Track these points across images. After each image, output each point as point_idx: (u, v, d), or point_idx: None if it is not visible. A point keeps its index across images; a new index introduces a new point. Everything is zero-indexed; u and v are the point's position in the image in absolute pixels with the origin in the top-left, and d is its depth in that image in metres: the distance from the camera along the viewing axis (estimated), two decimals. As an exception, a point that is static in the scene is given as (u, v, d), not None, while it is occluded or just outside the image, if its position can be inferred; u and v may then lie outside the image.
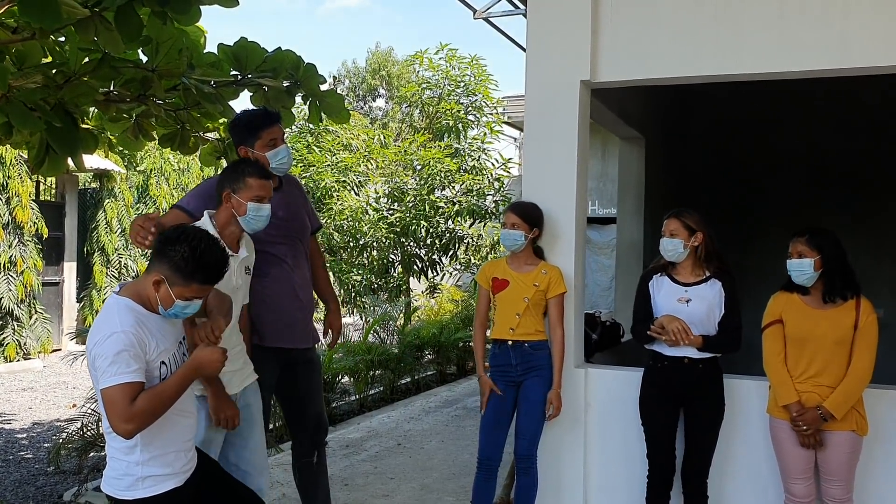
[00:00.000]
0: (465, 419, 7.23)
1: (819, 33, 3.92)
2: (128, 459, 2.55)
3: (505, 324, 3.97)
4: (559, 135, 4.29)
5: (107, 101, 3.51)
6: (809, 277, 3.49)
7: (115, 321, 2.48)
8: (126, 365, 2.42)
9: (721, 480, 3.93)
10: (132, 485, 2.55)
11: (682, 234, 3.73)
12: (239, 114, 3.72)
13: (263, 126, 3.57)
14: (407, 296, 10.95)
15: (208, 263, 2.57)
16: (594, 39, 4.25)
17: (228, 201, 3.21)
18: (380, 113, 30.57)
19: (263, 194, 3.24)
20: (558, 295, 3.98)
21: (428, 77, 11.68)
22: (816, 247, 3.48)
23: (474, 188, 10.47)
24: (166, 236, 2.59)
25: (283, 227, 3.66)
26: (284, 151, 3.63)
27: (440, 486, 5.20)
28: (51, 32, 2.88)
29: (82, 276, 12.61)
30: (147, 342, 2.50)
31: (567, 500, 4.28)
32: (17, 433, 6.96)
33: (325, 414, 4.03)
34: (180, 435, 2.64)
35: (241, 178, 3.23)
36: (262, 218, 3.26)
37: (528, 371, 3.95)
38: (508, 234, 3.97)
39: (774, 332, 3.58)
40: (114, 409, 2.42)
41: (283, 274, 3.66)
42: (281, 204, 3.64)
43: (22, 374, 10.05)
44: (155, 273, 2.54)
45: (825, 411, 3.39)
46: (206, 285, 2.60)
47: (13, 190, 10.75)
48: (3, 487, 5.37)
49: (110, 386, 2.42)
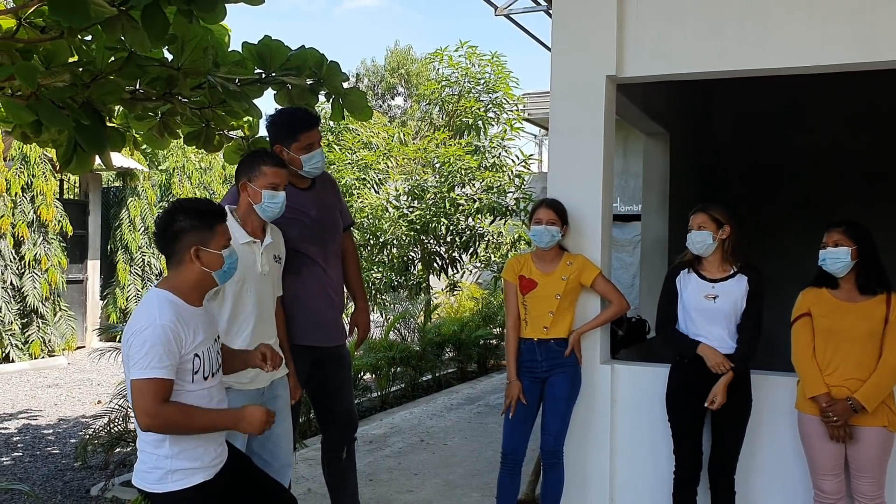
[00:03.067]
0: (487, 416, 7.23)
1: (846, 27, 3.87)
2: (157, 453, 2.57)
3: (538, 323, 3.95)
4: (585, 131, 4.27)
5: (133, 99, 3.53)
6: (844, 266, 3.46)
7: (155, 313, 2.51)
8: (158, 360, 2.45)
9: (748, 476, 3.91)
10: (162, 478, 2.57)
11: (710, 226, 3.70)
12: (280, 111, 3.74)
13: (303, 129, 3.64)
14: (427, 293, 10.93)
15: (196, 205, 2.70)
16: (620, 34, 4.23)
17: (245, 191, 3.30)
18: (398, 111, 30.59)
19: (278, 181, 3.30)
20: (597, 276, 3.98)
21: (448, 75, 11.66)
22: (853, 237, 3.47)
23: (494, 185, 10.43)
24: (161, 226, 2.66)
25: (316, 226, 3.71)
26: (319, 156, 3.70)
27: (464, 483, 5.20)
28: (79, 31, 2.90)
29: (106, 273, 12.74)
30: (184, 336, 2.53)
31: (593, 495, 4.26)
32: (44, 429, 7.03)
33: (356, 411, 4.05)
34: (211, 434, 2.65)
35: (256, 166, 3.31)
36: (277, 205, 3.31)
37: (554, 367, 3.94)
38: (546, 230, 3.93)
39: (803, 324, 3.56)
40: (139, 401, 2.45)
41: (315, 273, 3.71)
42: (314, 203, 3.69)
43: (47, 371, 10.16)
44: (186, 253, 2.60)
45: (856, 402, 3.37)
46: (223, 221, 2.71)
47: (38, 189, 10.88)
48: (32, 482, 5.43)
49: (140, 378, 2.45)
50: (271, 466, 3.39)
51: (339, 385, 3.91)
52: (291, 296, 3.59)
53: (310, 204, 3.66)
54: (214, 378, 2.69)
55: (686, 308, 3.76)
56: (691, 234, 3.75)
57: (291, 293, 3.59)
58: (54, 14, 2.53)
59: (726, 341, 3.69)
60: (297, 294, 3.62)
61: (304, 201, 3.69)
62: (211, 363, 2.67)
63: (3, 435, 6.77)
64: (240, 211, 3.33)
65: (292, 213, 3.54)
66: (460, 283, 11.80)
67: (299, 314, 3.64)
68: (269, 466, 3.38)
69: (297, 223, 3.65)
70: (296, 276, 3.62)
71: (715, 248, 3.72)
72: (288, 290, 3.58)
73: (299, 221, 3.66)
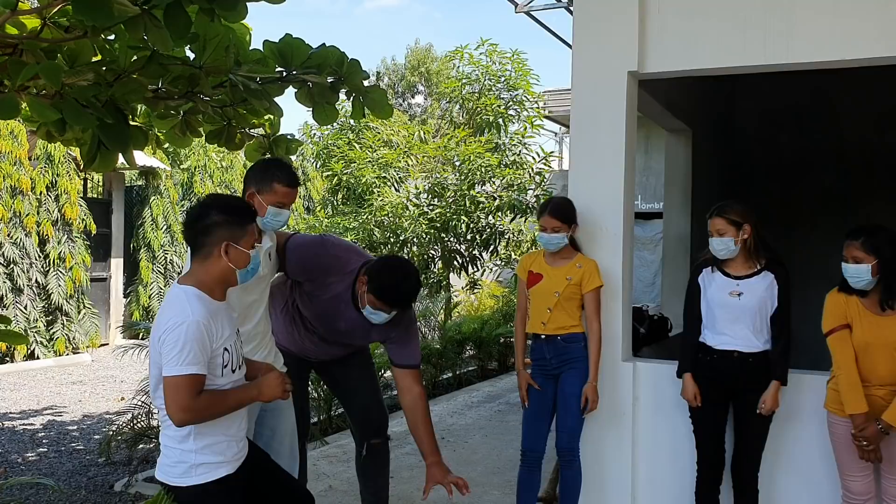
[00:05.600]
0: (507, 414, 7.21)
1: (872, 21, 3.81)
2: (182, 447, 2.59)
3: (537, 318, 3.96)
4: (606, 127, 4.24)
5: (155, 97, 3.55)
6: (867, 283, 3.35)
7: (188, 309, 2.52)
8: (194, 356, 2.46)
9: (772, 475, 3.87)
10: (186, 472, 2.59)
11: (729, 231, 3.64)
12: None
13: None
14: (447, 291, 10.93)
15: (231, 202, 2.75)
16: (641, 30, 4.20)
17: (252, 199, 3.25)
18: (418, 110, 30.60)
19: (287, 201, 3.30)
20: (594, 289, 3.92)
21: (468, 72, 11.64)
22: (872, 250, 3.31)
23: (515, 183, 10.41)
24: (193, 217, 2.68)
25: (334, 327, 3.65)
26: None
27: (485, 480, 5.19)
28: (102, 31, 2.92)
29: (129, 271, 12.86)
30: (215, 331, 2.55)
31: (614, 493, 4.24)
32: (69, 425, 7.11)
33: (379, 410, 3.93)
34: (232, 424, 2.68)
35: (269, 181, 3.28)
36: (279, 222, 3.32)
37: (564, 364, 3.92)
38: (551, 238, 3.91)
39: (844, 336, 3.40)
40: (176, 398, 2.46)
41: (297, 333, 3.72)
42: (361, 322, 3.54)
43: (71, 368, 10.27)
44: (216, 247, 2.61)
45: (885, 424, 3.26)
46: (253, 221, 2.73)
47: (62, 187, 11.00)
48: (57, 477, 5.49)
49: (177, 375, 2.46)
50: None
51: (348, 384, 3.89)
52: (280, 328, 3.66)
53: (357, 320, 3.51)
54: (241, 370, 2.73)
55: (710, 306, 3.72)
56: (713, 241, 3.69)
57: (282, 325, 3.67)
58: (78, 13, 2.56)
59: (751, 339, 3.64)
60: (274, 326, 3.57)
61: (354, 316, 3.52)
62: (238, 356, 2.71)
63: (28, 431, 6.85)
64: None
65: (339, 300, 3.49)
66: (480, 281, 11.79)
67: (282, 346, 3.60)
68: None
69: (334, 305, 3.53)
70: (285, 314, 3.68)
71: (739, 249, 3.68)
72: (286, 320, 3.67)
73: (336, 308, 3.53)
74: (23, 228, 10.56)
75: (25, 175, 10.58)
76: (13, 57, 2.85)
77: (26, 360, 10.34)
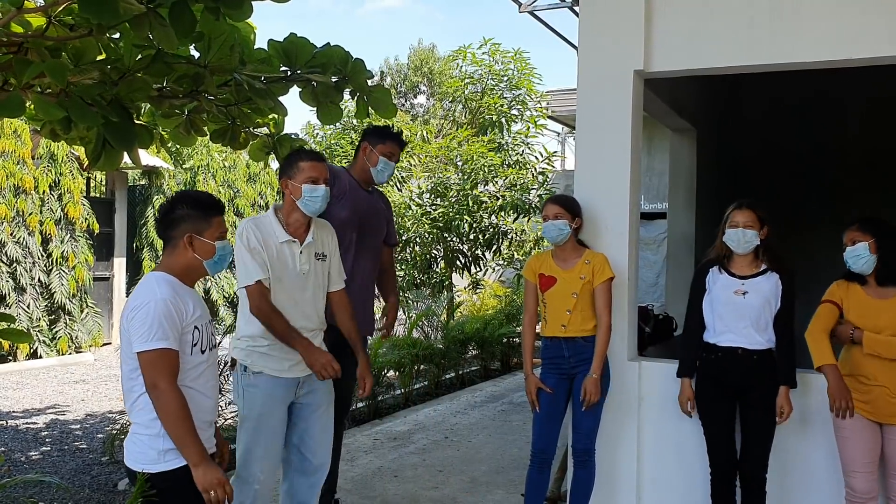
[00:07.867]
0: (511, 414, 7.21)
1: (878, 20, 3.80)
2: (149, 433, 2.60)
3: (556, 321, 3.92)
4: (612, 126, 4.23)
5: (160, 96, 3.54)
6: (867, 261, 3.44)
7: (155, 290, 2.62)
8: (163, 332, 2.55)
9: (779, 474, 3.85)
10: (155, 459, 2.60)
11: (755, 225, 3.66)
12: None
13: (387, 138, 4.08)
14: (450, 291, 10.92)
15: (197, 197, 2.85)
16: (647, 28, 4.19)
17: (286, 188, 3.37)
18: (421, 110, 30.61)
19: (317, 175, 3.36)
20: (605, 281, 3.89)
21: (471, 72, 11.63)
22: (869, 231, 3.46)
23: (518, 183, 10.40)
24: (162, 215, 2.80)
25: (357, 220, 3.97)
26: (390, 168, 4.07)
27: (489, 479, 5.18)
28: (107, 29, 2.92)
29: (132, 271, 12.86)
30: (183, 308, 2.64)
31: (620, 492, 4.23)
32: (72, 424, 7.11)
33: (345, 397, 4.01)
34: (200, 414, 2.68)
35: (294, 163, 3.40)
36: (318, 198, 3.36)
37: (581, 364, 3.89)
38: (553, 225, 3.90)
39: (830, 309, 3.53)
40: (150, 372, 2.53)
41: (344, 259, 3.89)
42: (368, 202, 4.08)
43: (74, 367, 10.28)
44: (181, 239, 2.72)
45: (858, 333, 3.38)
46: (220, 214, 2.82)
47: (65, 187, 11.00)
48: (61, 476, 5.49)
49: (148, 350, 2.53)
50: (309, 463, 3.44)
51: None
52: None
53: (364, 201, 4.01)
54: (211, 353, 2.79)
55: (714, 304, 3.72)
56: (737, 231, 3.66)
57: None
58: (83, 12, 2.55)
59: (754, 337, 3.64)
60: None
61: (361, 196, 4.03)
62: (209, 338, 2.77)
63: (31, 430, 6.85)
64: (283, 210, 3.42)
65: (347, 199, 3.88)
66: (483, 281, 11.79)
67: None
68: (306, 462, 3.42)
69: (349, 208, 3.90)
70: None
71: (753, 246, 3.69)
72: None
73: (351, 207, 3.91)
74: (26, 227, 10.57)
75: (28, 174, 10.58)
76: (18, 55, 2.85)
77: (29, 360, 10.34)
